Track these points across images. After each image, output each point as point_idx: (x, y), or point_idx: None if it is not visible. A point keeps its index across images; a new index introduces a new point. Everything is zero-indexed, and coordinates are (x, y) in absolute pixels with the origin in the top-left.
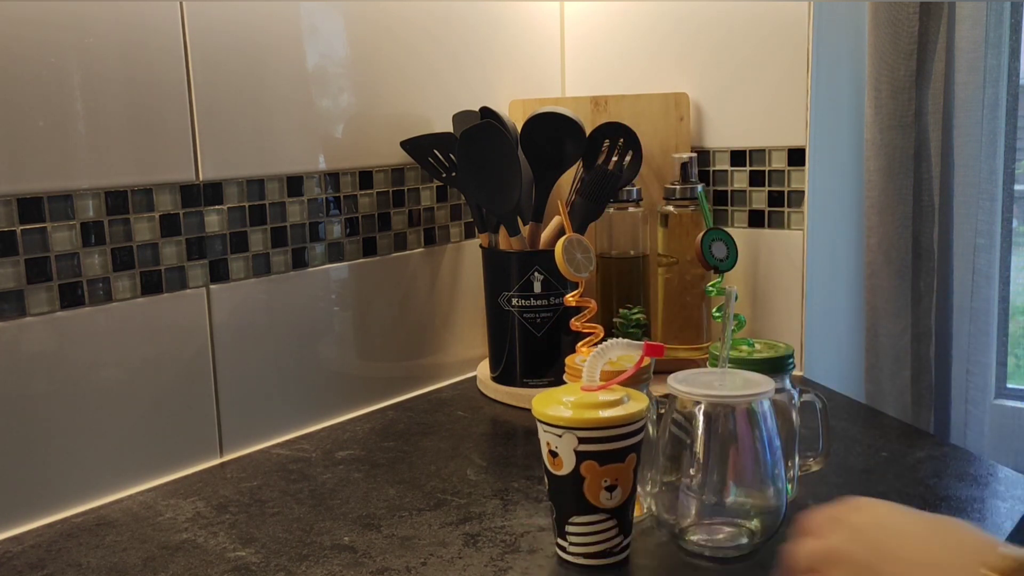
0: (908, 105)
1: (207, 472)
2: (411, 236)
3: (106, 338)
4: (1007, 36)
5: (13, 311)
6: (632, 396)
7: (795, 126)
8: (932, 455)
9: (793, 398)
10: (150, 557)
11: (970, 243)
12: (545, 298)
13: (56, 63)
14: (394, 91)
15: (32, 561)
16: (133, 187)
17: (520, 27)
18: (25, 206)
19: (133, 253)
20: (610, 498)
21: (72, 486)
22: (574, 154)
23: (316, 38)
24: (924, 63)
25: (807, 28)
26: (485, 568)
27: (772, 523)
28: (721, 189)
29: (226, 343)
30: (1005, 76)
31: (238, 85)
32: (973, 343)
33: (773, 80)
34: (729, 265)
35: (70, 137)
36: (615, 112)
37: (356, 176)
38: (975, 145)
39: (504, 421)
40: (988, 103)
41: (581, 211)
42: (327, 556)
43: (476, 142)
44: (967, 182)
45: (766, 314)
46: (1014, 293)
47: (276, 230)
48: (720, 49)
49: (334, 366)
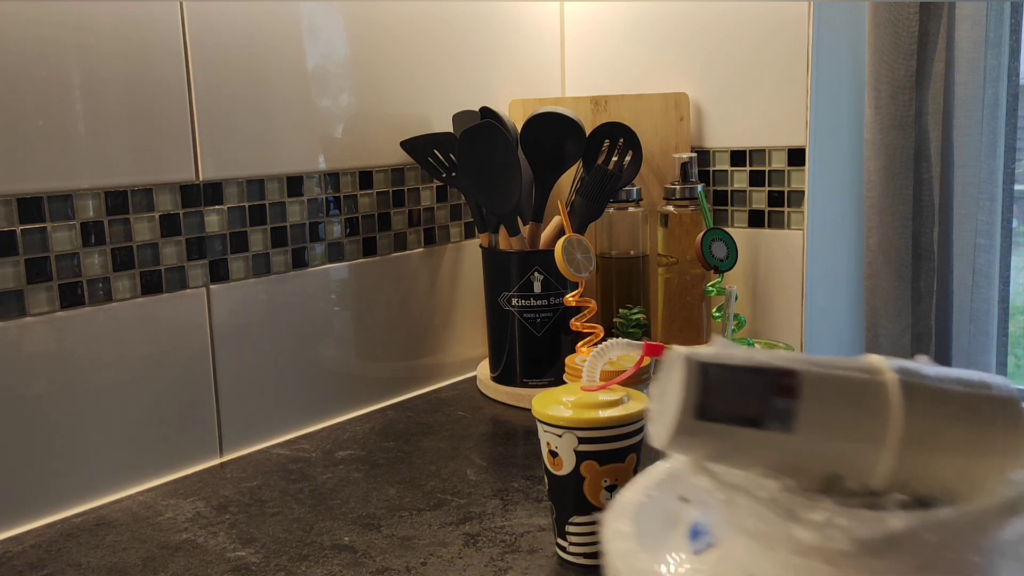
0: (908, 105)
1: (207, 472)
2: (411, 236)
3: (106, 338)
4: (1007, 36)
5: (13, 311)
6: (632, 396)
7: (795, 126)
8: None
9: None
10: (150, 557)
11: (970, 243)
12: (545, 298)
13: (56, 63)
14: (394, 91)
15: (32, 561)
16: (133, 187)
17: (520, 27)
18: (25, 206)
19: (133, 253)
20: (610, 498)
21: (72, 486)
22: (574, 154)
23: (316, 38)
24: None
25: (807, 28)
26: (485, 568)
27: None
28: (721, 189)
29: (226, 343)
30: (1005, 76)
31: (238, 85)
32: (973, 343)
33: (773, 80)
34: (729, 265)
35: (70, 137)
36: (615, 112)
37: (356, 176)
38: (975, 145)
39: (504, 421)
40: (988, 103)
41: (581, 211)
42: (327, 556)
43: (476, 142)
44: (967, 182)
45: (766, 314)
46: (1014, 293)
47: (276, 230)
48: (720, 49)
49: (334, 366)
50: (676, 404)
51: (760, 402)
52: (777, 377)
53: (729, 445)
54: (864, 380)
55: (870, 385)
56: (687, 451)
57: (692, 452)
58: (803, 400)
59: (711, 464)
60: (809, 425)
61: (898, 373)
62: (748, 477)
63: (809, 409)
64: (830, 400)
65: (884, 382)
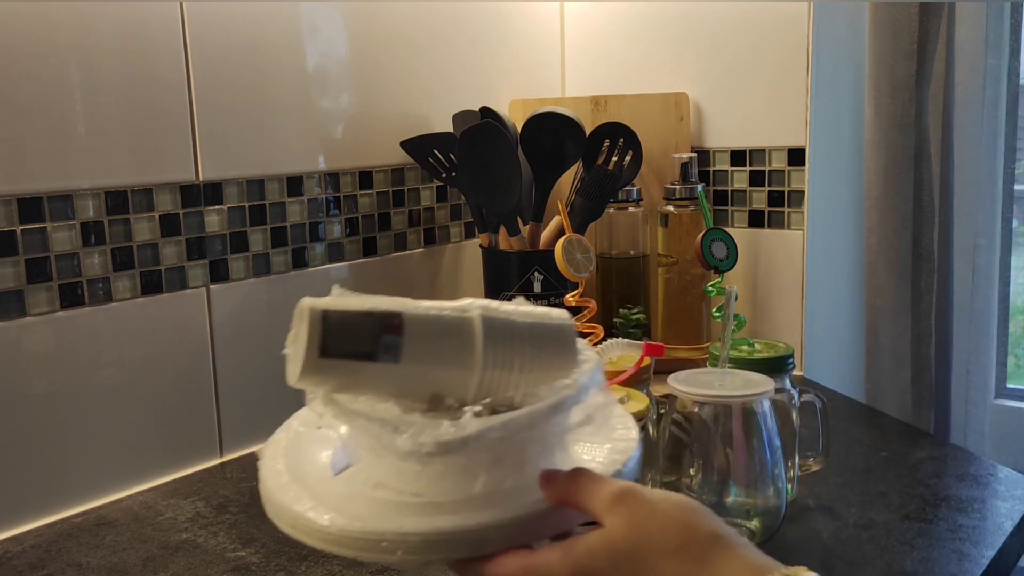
0: (908, 105)
1: (207, 472)
2: (411, 236)
3: (106, 338)
4: (1007, 36)
5: (13, 311)
6: (632, 396)
7: (795, 126)
8: (932, 455)
9: (793, 398)
10: (150, 557)
11: (970, 243)
12: (545, 298)
13: (56, 63)
14: (394, 91)
15: (32, 561)
16: (133, 187)
17: (520, 27)
18: (25, 206)
19: (133, 253)
20: None
21: (72, 486)
22: (574, 154)
23: (316, 38)
24: (924, 63)
25: (807, 28)
26: None
27: (772, 523)
28: (721, 189)
29: (226, 343)
30: (1005, 76)
31: (238, 85)
32: (973, 343)
33: (773, 80)
34: (729, 265)
35: (70, 137)
36: (615, 112)
37: (356, 176)
38: (975, 145)
39: None
40: (988, 103)
41: (581, 211)
42: (327, 556)
43: (476, 142)
44: (967, 182)
45: (766, 314)
46: (1014, 293)
47: (276, 230)
48: (720, 49)
49: None
50: (302, 346)
51: (372, 339)
52: (385, 318)
53: (349, 377)
54: (454, 318)
55: (459, 321)
56: (316, 386)
57: (320, 386)
58: (406, 336)
59: (337, 395)
60: (412, 356)
61: (480, 310)
62: (367, 402)
63: (412, 343)
64: (428, 334)
65: (470, 318)
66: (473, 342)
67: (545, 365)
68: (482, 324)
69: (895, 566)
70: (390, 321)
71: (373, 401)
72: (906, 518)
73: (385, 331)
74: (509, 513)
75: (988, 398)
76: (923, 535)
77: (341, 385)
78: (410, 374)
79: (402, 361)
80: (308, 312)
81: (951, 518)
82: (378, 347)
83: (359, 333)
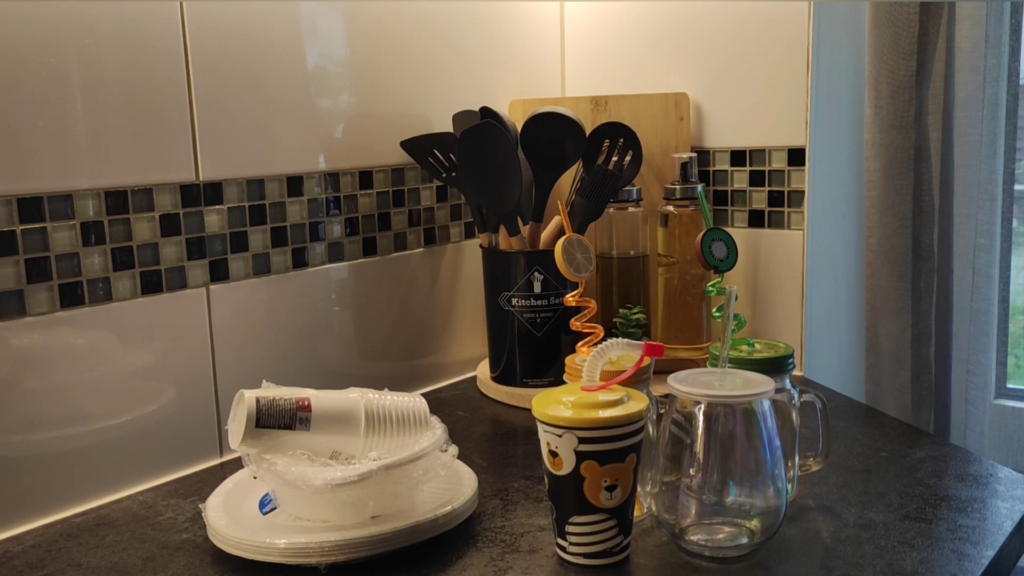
0: (908, 105)
1: (207, 472)
2: (411, 236)
3: (106, 338)
4: (1007, 36)
5: (13, 311)
6: (632, 396)
7: (795, 126)
8: (932, 455)
9: (793, 398)
10: (150, 557)
11: (970, 243)
12: (545, 298)
13: (56, 63)
14: (394, 91)
15: (32, 561)
16: (133, 187)
17: (520, 27)
18: (25, 206)
19: (133, 253)
20: (610, 498)
21: (72, 486)
22: (574, 154)
23: (316, 38)
24: (924, 63)
25: (807, 28)
26: (485, 568)
27: (772, 523)
28: (721, 189)
29: (226, 343)
30: (1005, 76)
31: (238, 85)
32: (973, 343)
33: (773, 80)
34: (729, 265)
35: (70, 137)
36: (615, 112)
37: (356, 176)
38: (975, 145)
39: (504, 421)
40: (988, 103)
41: (581, 211)
42: None
43: (476, 142)
44: (967, 182)
45: (766, 314)
46: (1014, 293)
47: (276, 230)
48: (720, 49)
49: (334, 366)
50: (242, 421)
51: (290, 415)
52: (299, 401)
53: (275, 441)
54: (347, 401)
55: (350, 403)
56: (252, 447)
57: (255, 448)
58: (314, 413)
59: (267, 454)
60: (319, 426)
61: (364, 399)
62: (290, 458)
63: (318, 418)
64: (329, 413)
65: (358, 402)
66: (359, 419)
67: (408, 432)
68: (364, 408)
69: (895, 566)
70: (303, 403)
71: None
72: (906, 518)
73: (299, 409)
74: (389, 527)
75: (988, 398)
76: (923, 535)
77: (269, 447)
78: (317, 439)
79: (312, 430)
80: (245, 398)
81: (951, 518)
82: (295, 420)
83: (281, 411)
